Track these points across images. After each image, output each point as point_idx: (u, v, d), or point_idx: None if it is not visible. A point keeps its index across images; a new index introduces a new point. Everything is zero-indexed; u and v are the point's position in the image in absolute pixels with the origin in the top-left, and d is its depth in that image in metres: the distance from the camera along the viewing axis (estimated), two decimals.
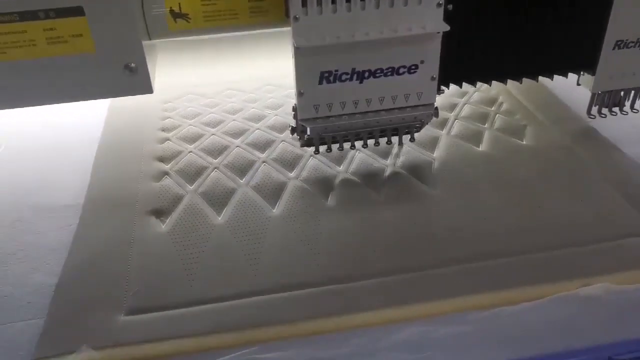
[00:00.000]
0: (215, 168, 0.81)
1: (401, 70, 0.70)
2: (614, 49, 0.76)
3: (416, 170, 0.80)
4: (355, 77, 0.69)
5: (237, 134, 0.89)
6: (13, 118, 0.96)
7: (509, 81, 0.78)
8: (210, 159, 0.83)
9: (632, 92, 0.83)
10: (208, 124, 0.92)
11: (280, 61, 1.10)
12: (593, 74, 0.78)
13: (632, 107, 0.84)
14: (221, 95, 1.02)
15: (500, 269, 0.63)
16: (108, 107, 0.98)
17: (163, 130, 0.91)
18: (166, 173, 0.80)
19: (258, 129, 0.90)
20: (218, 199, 0.75)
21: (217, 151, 0.85)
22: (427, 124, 0.77)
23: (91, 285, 0.62)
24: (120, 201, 0.74)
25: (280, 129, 0.90)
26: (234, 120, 0.93)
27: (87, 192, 0.76)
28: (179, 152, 0.84)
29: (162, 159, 0.83)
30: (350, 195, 0.75)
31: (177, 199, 0.75)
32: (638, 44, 0.76)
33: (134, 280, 0.62)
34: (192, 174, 0.80)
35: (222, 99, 1.01)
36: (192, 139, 0.88)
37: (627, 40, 0.75)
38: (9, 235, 0.70)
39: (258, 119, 0.93)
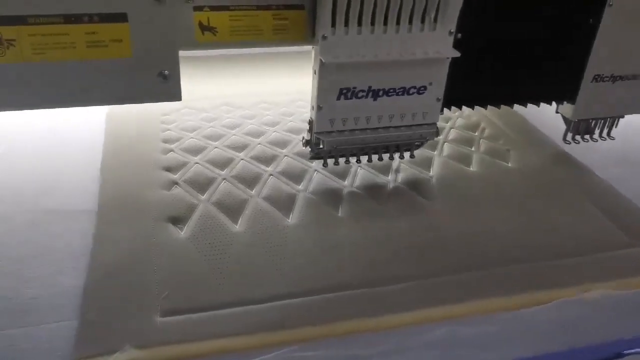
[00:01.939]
0: (224, 179, 0.82)
1: (411, 91, 0.75)
2: (592, 82, 0.85)
3: (416, 186, 0.85)
4: (370, 94, 0.74)
5: (239, 147, 0.91)
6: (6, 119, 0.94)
7: (490, 109, 0.86)
8: (217, 170, 0.84)
9: (601, 121, 0.93)
10: (209, 138, 0.94)
11: (273, 80, 1.15)
12: (573, 103, 0.87)
13: (600, 135, 0.94)
14: (218, 110, 1.03)
15: (510, 275, 0.68)
16: (106, 115, 0.97)
17: (165, 141, 0.91)
18: (175, 182, 0.81)
19: (259, 143, 0.93)
20: (232, 208, 0.76)
21: (222, 163, 0.86)
22: (429, 141, 0.82)
23: (121, 287, 0.62)
24: (134, 207, 0.75)
25: (281, 144, 0.93)
26: (234, 134, 0.95)
27: (99, 198, 0.76)
28: (185, 163, 0.85)
29: (169, 169, 0.84)
30: (360, 207, 0.79)
31: (191, 208, 0.76)
32: (611, 79, 0.86)
33: (163, 283, 0.63)
34: (202, 184, 0.81)
35: (219, 114, 1.02)
36: (196, 151, 0.89)
37: (603, 74, 0.85)
38: (27, 238, 0.69)
39: (258, 134, 0.96)
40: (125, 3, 0.59)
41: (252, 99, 1.08)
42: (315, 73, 0.72)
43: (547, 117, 0.91)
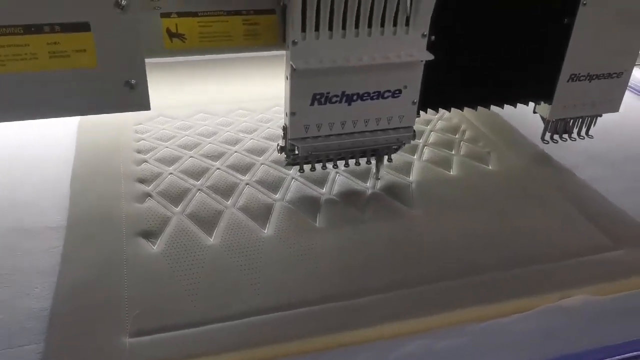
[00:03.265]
0: (199, 190, 0.80)
1: (386, 95, 0.74)
2: (568, 81, 0.84)
3: (395, 192, 0.84)
4: (344, 99, 0.73)
5: (215, 156, 0.89)
6: None
7: (469, 111, 0.85)
8: (192, 180, 0.83)
9: (580, 120, 0.92)
10: (184, 147, 0.92)
11: (250, 86, 1.13)
12: (550, 103, 0.86)
13: (579, 134, 0.94)
14: (193, 119, 1.02)
15: (488, 283, 0.67)
16: (77, 125, 0.95)
17: (138, 152, 0.89)
18: (149, 195, 0.79)
19: (236, 151, 0.91)
20: (206, 220, 0.74)
21: (197, 173, 0.84)
22: (405, 145, 0.81)
23: (89, 307, 0.60)
24: (105, 222, 0.72)
25: (258, 152, 0.91)
26: (210, 143, 0.93)
27: (69, 214, 0.73)
28: (159, 174, 0.83)
29: (142, 181, 0.82)
30: (337, 216, 0.78)
31: (165, 220, 0.74)
32: (588, 77, 0.85)
33: (133, 301, 0.61)
34: (176, 195, 0.79)
35: (195, 121, 1.01)
36: (170, 161, 0.87)
37: (579, 74, 0.84)
38: None
39: (234, 142, 0.94)
40: (87, 12, 0.58)
41: (228, 106, 1.07)
42: (287, 79, 0.70)
43: (527, 116, 0.91)
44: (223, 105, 1.07)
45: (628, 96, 1.16)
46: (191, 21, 0.70)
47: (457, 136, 1.01)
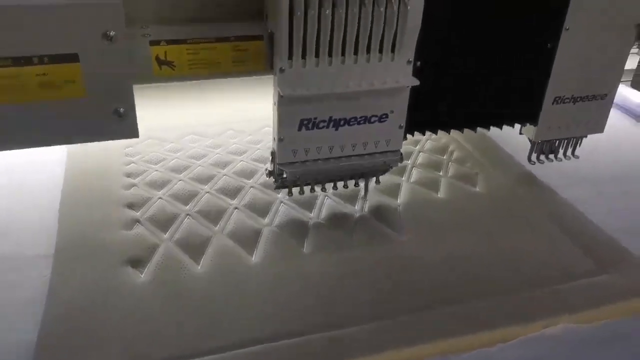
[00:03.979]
0: (188, 215, 0.81)
1: (373, 119, 0.75)
2: (553, 104, 0.86)
3: (383, 216, 0.84)
4: (332, 124, 0.73)
5: (204, 180, 0.90)
6: None
7: (457, 131, 0.86)
8: (180, 205, 0.83)
9: (565, 141, 0.94)
10: (174, 170, 0.92)
11: (241, 104, 1.14)
12: (535, 124, 0.88)
13: (565, 154, 0.95)
14: (184, 140, 1.02)
15: (472, 312, 0.67)
16: (67, 150, 0.95)
17: (128, 175, 0.89)
18: (137, 221, 0.79)
19: (225, 174, 0.92)
20: (194, 247, 0.75)
21: (186, 197, 0.85)
22: (393, 167, 0.82)
23: (74, 340, 0.60)
24: (93, 251, 0.72)
25: (247, 174, 0.92)
26: (200, 166, 0.94)
27: (56, 242, 0.73)
28: (148, 199, 0.83)
29: (132, 206, 0.82)
30: (325, 241, 0.78)
31: (152, 248, 0.74)
32: (572, 100, 0.87)
33: (120, 333, 0.61)
34: (164, 221, 0.79)
35: (185, 144, 1.01)
36: (160, 184, 0.88)
37: (563, 96, 0.86)
38: None
39: (224, 164, 0.95)
40: (76, 43, 0.58)
41: (218, 127, 1.07)
42: (275, 105, 0.71)
43: (514, 136, 0.92)
44: (213, 127, 1.07)
45: (615, 115, 1.18)
46: (180, 48, 0.71)
47: (445, 157, 1.02)
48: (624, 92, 1.27)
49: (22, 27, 0.56)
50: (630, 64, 1.09)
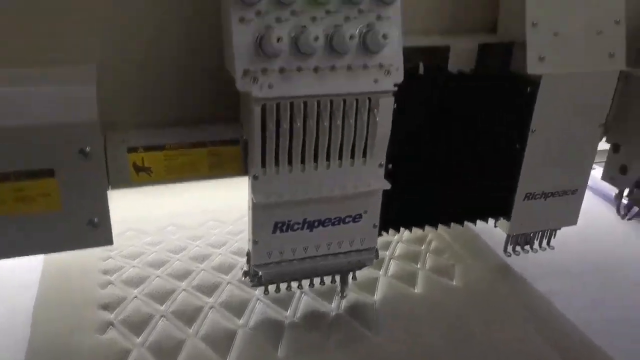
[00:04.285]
0: (162, 316, 0.80)
1: (347, 220, 0.77)
2: (524, 200, 0.88)
3: (360, 314, 0.84)
4: (306, 226, 0.75)
5: (182, 276, 0.90)
6: None
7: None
8: (156, 305, 0.82)
9: (540, 233, 0.95)
10: (152, 265, 0.92)
11: (222, 193, 1.14)
12: (509, 219, 0.89)
13: (540, 245, 0.96)
14: (164, 232, 1.03)
15: None
16: None
17: (105, 272, 0.89)
18: (111, 324, 0.78)
19: (203, 269, 0.92)
20: (167, 351, 0.74)
21: (163, 296, 0.84)
22: (369, 265, 0.83)
23: None
24: (65, 356, 0.71)
25: (225, 269, 0.92)
26: (178, 260, 0.94)
27: (27, 347, 0.72)
28: (123, 298, 0.83)
29: (106, 307, 0.81)
30: (300, 343, 0.77)
31: (125, 354, 0.73)
32: (543, 195, 0.89)
33: None
34: (139, 323, 0.78)
35: (165, 235, 1.02)
36: (136, 282, 0.87)
37: (534, 192, 0.88)
38: None
39: (202, 258, 0.95)
40: (52, 159, 0.60)
41: (198, 217, 1.08)
42: (249, 208, 0.73)
43: (491, 225, 0.93)
44: (194, 217, 1.08)
45: (591, 200, 1.20)
46: (157, 155, 0.73)
47: (423, 247, 1.03)
48: (597, 175, 1.30)
49: (0, 146, 0.58)
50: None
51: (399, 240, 1.04)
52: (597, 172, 1.07)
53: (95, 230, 0.65)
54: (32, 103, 0.59)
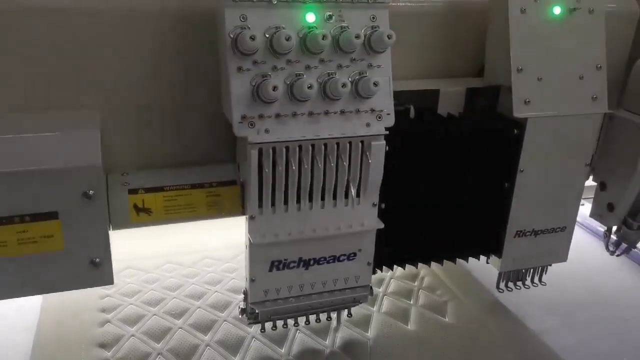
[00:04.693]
0: (159, 354, 0.81)
1: (342, 258, 0.78)
2: (514, 237, 0.90)
3: (353, 352, 0.85)
4: (302, 264, 0.76)
5: (178, 314, 0.91)
6: None
7: None
8: (153, 343, 0.83)
9: (531, 269, 0.97)
10: (149, 303, 0.93)
11: (217, 231, 1.16)
12: (500, 256, 0.91)
13: (532, 281, 0.98)
14: (160, 270, 1.04)
15: None
16: None
17: (103, 310, 0.90)
18: None
19: (199, 307, 0.93)
20: None
21: (159, 334, 0.85)
22: (363, 302, 0.84)
23: None
24: None
25: (221, 307, 0.93)
26: (174, 297, 0.95)
27: None
28: (121, 337, 0.84)
29: (103, 345, 0.82)
30: None
31: None
32: (533, 233, 0.91)
33: None
34: None
35: (162, 273, 1.03)
36: (133, 320, 0.88)
37: (524, 230, 0.90)
38: None
39: (199, 296, 0.96)
40: (56, 202, 0.62)
41: (195, 255, 1.10)
42: (246, 247, 0.75)
43: (482, 262, 0.95)
44: (190, 255, 1.10)
45: (581, 236, 1.23)
46: (157, 196, 0.75)
47: (415, 283, 1.04)
48: (586, 211, 1.32)
49: (5, 190, 0.59)
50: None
51: (392, 277, 1.06)
52: (585, 208, 1.10)
53: (97, 270, 0.66)
54: (37, 148, 0.61)
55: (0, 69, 0.67)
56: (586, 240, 1.27)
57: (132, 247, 1.08)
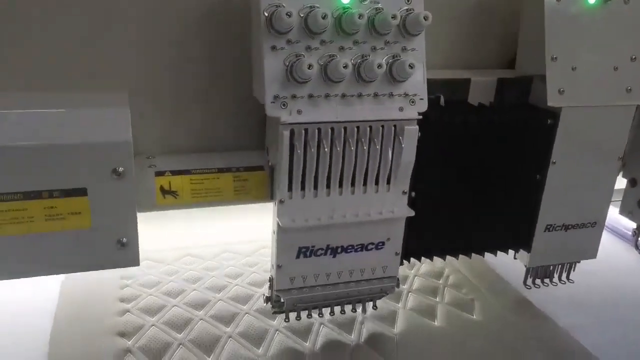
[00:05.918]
0: (181, 344, 0.79)
1: (370, 247, 0.76)
2: (544, 231, 0.88)
3: (380, 347, 0.82)
4: (329, 252, 0.74)
5: (199, 305, 0.89)
6: None
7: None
8: (174, 333, 0.81)
9: (559, 266, 0.95)
10: (169, 294, 0.91)
11: (239, 223, 1.14)
12: (529, 251, 0.89)
13: (559, 278, 0.96)
14: (180, 262, 1.02)
15: None
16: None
17: (122, 300, 0.88)
18: (129, 351, 0.77)
19: (220, 299, 0.91)
20: None
21: (180, 325, 0.83)
22: (390, 293, 0.82)
23: None
24: None
25: (243, 300, 0.91)
26: (194, 290, 0.93)
27: None
28: (141, 326, 0.82)
29: (124, 334, 0.80)
30: None
31: None
32: (563, 227, 0.89)
33: None
34: (156, 351, 0.77)
35: (181, 266, 1.01)
36: (154, 310, 0.86)
37: (554, 224, 0.88)
38: None
39: (219, 289, 0.94)
40: (85, 179, 0.60)
41: (214, 249, 1.08)
42: (274, 233, 0.73)
43: (509, 259, 0.93)
44: (210, 248, 1.08)
45: (609, 239, 1.20)
46: (184, 179, 0.73)
47: (441, 281, 1.02)
48: (615, 216, 1.30)
49: (36, 164, 0.58)
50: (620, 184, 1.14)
51: (415, 274, 1.04)
52: (612, 210, 1.08)
53: (123, 250, 0.65)
54: (67, 123, 0.60)
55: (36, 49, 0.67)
56: (612, 240, 1.25)
57: (150, 240, 1.06)
